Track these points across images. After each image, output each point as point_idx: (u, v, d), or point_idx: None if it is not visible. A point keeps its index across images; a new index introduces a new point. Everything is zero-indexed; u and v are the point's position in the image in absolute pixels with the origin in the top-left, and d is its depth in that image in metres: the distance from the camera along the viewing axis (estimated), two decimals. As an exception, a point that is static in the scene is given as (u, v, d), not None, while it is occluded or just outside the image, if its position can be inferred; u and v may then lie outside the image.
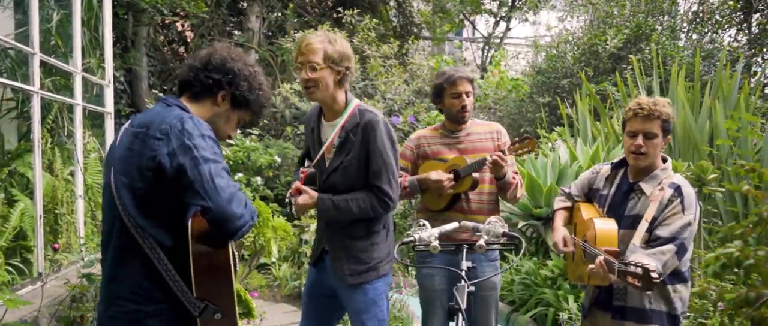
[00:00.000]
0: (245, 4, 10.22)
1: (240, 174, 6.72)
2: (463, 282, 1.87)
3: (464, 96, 2.81)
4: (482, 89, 8.13)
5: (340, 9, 8.56)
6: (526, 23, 12.67)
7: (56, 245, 2.84)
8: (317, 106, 2.47)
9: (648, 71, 6.30)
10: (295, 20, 10.01)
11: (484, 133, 2.90)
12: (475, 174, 2.77)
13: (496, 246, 2.10)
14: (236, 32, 10.22)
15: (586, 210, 2.52)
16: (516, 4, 11.62)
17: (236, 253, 1.97)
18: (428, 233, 1.99)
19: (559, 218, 2.64)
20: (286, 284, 4.99)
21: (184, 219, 1.66)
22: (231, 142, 7.04)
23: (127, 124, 1.75)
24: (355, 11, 8.19)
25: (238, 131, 7.40)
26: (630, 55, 6.44)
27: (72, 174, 3.71)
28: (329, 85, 2.26)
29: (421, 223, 2.02)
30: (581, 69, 6.83)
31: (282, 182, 6.97)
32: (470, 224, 2.19)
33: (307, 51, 2.23)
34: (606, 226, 2.33)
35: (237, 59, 1.80)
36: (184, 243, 1.63)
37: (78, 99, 3.77)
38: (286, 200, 2.32)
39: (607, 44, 6.52)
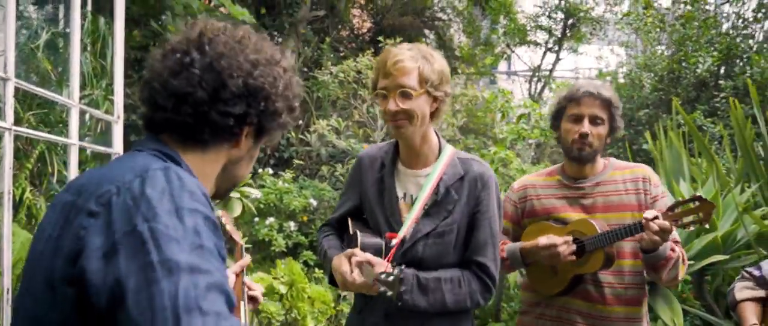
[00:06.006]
0: (280, 40, 9.80)
1: (271, 219, 6.10)
2: None
3: (587, 121, 1.93)
4: (538, 123, 7.29)
5: (380, 39, 7.94)
6: (572, 53, 11.87)
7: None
8: (379, 146, 1.78)
9: (743, 100, 5.38)
10: (331, 55, 9.49)
11: (623, 180, 2.00)
12: (610, 248, 1.88)
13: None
14: (270, 68, 9.72)
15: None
16: (566, 34, 10.83)
17: None
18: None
19: (751, 313, 1.77)
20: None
21: None
22: (262, 183, 6.43)
23: (62, 190, 0.98)
24: (398, 40, 7.54)
25: (269, 170, 6.84)
26: (720, 81, 5.53)
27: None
28: (426, 117, 1.63)
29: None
30: (660, 98, 5.94)
31: (318, 227, 6.27)
32: None
33: (397, 71, 1.58)
34: None
35: (263, 59, 1.02)
36: None
37: (73, 137, 3.10)
38: (380, 282, 1.49)
39: (698, 69, 5.62)
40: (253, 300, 1.38)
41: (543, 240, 1.89)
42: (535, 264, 1.99)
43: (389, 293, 1.48)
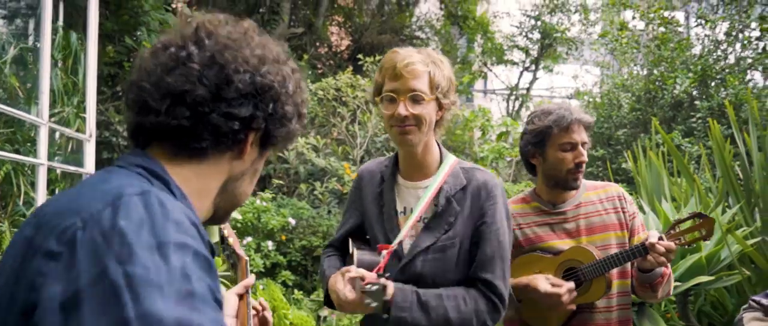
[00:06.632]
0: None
1: (249, 239, 5.96)
2: None
3: (581, 147, 1.88)
4: (517, 141, 7.31)
5: (359, 57, 7.90)
6: (549, 73, 12.05)
7: None
8: (379, 161, 1.71)
9: (719, 120, 5.46)
10: (309, 72, 9.44)
11: (600, 200, 1.94)
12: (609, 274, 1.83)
13: None
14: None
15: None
16: (543, 53, 11.01)
17: None
18: None
19: None
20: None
21: None
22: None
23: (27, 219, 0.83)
24: (376, 58, 7.52)
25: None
26: (696, 102, 5.62)
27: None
28: (432, 125, 1.54)
29: None
30: (638, 118, 6.01)
31: (296, 247, 6.16)
32: None
33: (408, 74, 1.49)
34: None
35: (270, 56, 0.87)
36: None
37: (42, 157, 2.96)
38: (366, 294, 1.40)
39: (676, 89, 5.70)
40: (264, 323, 1.24)
41: (542, 285, 1.80)
42: (527, 301, 1.89)
43: (373, 304, 1.39)
